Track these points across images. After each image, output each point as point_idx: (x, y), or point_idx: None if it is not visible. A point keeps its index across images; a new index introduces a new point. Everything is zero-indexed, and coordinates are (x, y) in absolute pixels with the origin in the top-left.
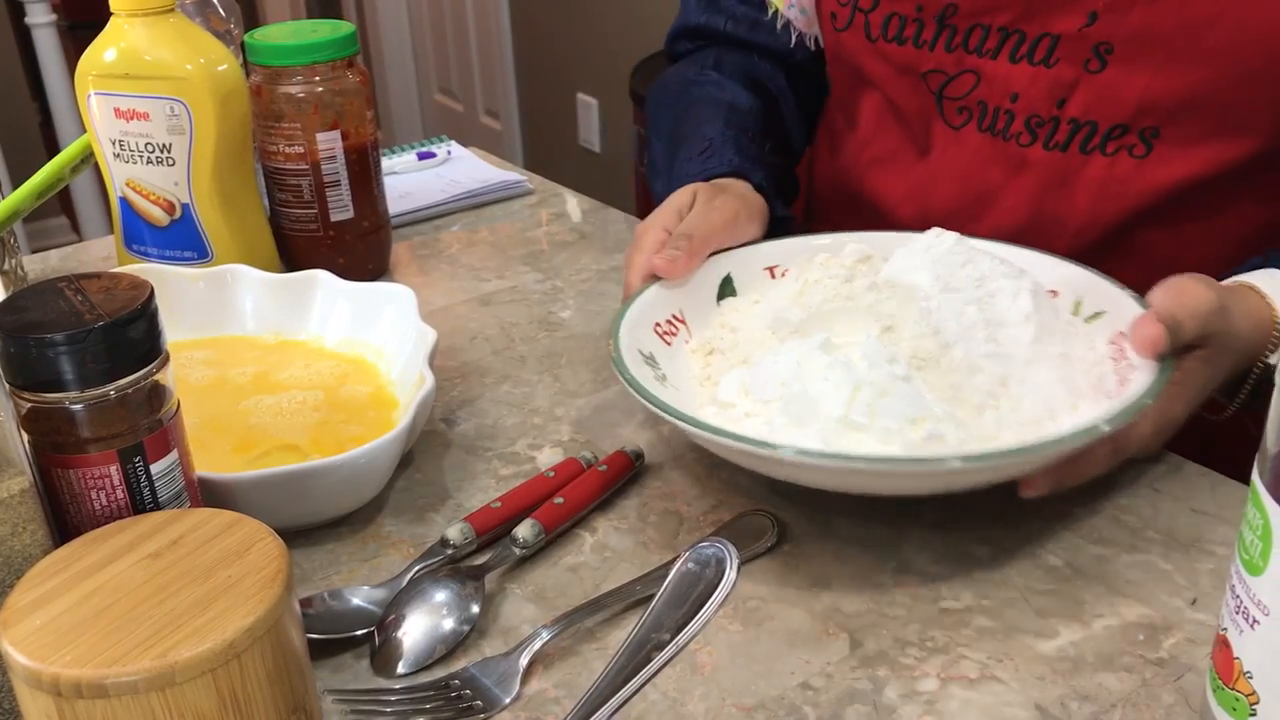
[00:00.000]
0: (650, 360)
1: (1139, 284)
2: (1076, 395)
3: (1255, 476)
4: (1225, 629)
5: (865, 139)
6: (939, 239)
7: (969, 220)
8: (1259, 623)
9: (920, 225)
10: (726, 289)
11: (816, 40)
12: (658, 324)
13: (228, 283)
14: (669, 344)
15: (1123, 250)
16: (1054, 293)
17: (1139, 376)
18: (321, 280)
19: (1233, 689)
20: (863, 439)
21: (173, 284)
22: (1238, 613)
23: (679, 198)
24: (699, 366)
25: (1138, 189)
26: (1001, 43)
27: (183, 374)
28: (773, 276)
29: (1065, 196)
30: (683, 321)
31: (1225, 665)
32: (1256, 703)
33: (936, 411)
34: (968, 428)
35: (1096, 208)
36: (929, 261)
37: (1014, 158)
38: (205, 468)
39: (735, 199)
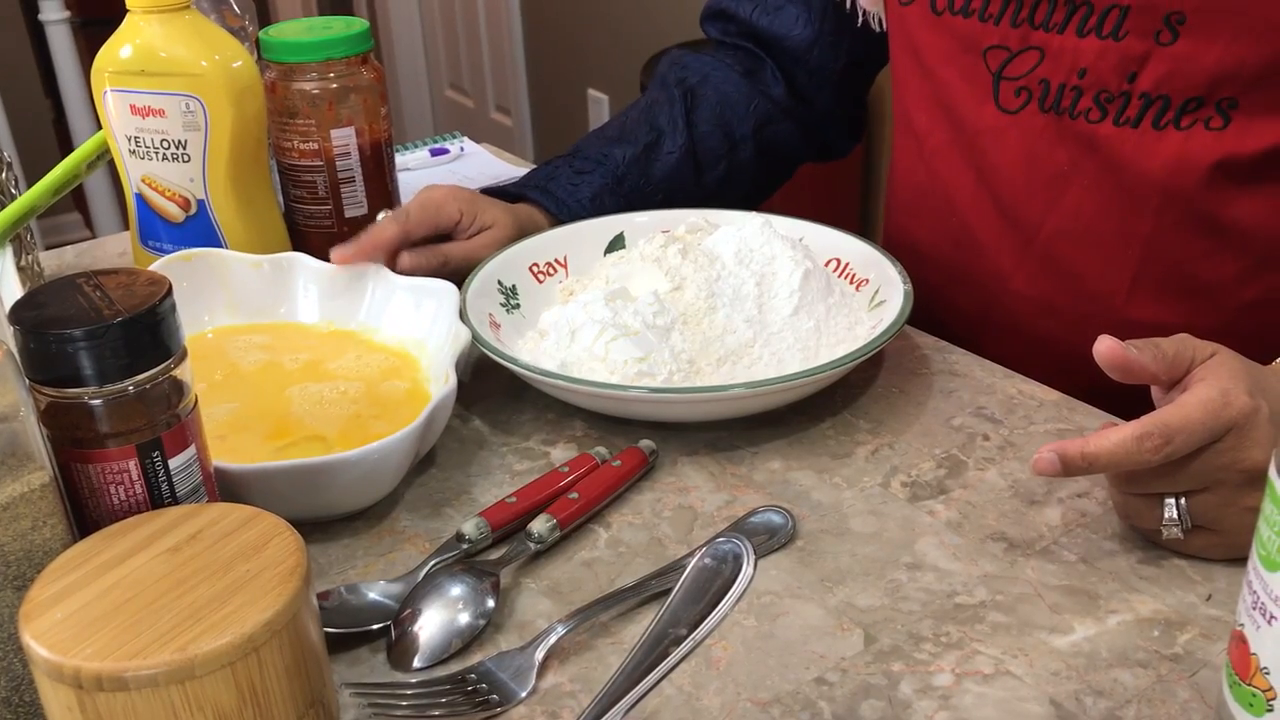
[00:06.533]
0: (509, 291)
1: (1245, 268)
2: (811, 362)
3: (1272, 472)
4: (1242, 625)
5: (923, 132)
6: (749, 220)
7: (1044, 204)
8: (1276, 618)
9: (995, 214)
10: (617, 244)
11: (881, 20)
12: (534, 264)
13: (285, 270)
14: (541, 282)
15: (1216, 229)
16: (837, 262)
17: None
18: (373, 272)
19: (1249, 684)
20: (596, 367)
21: (235, 270)
22: (1254, 608)
23: (450, 207)
24: (559, 302)
25: (1217, 162)
26: (1069, 15)
27: (237, 357)
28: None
29: (1140, 174)
30: (564, 265)
31: (1241, 661)
32: (1273, 698)
33: (666, 357)
34: (702, 375)
35: (1174, 184)
36: (736, 238)
37: (1082, 136)
38: (234, 452)
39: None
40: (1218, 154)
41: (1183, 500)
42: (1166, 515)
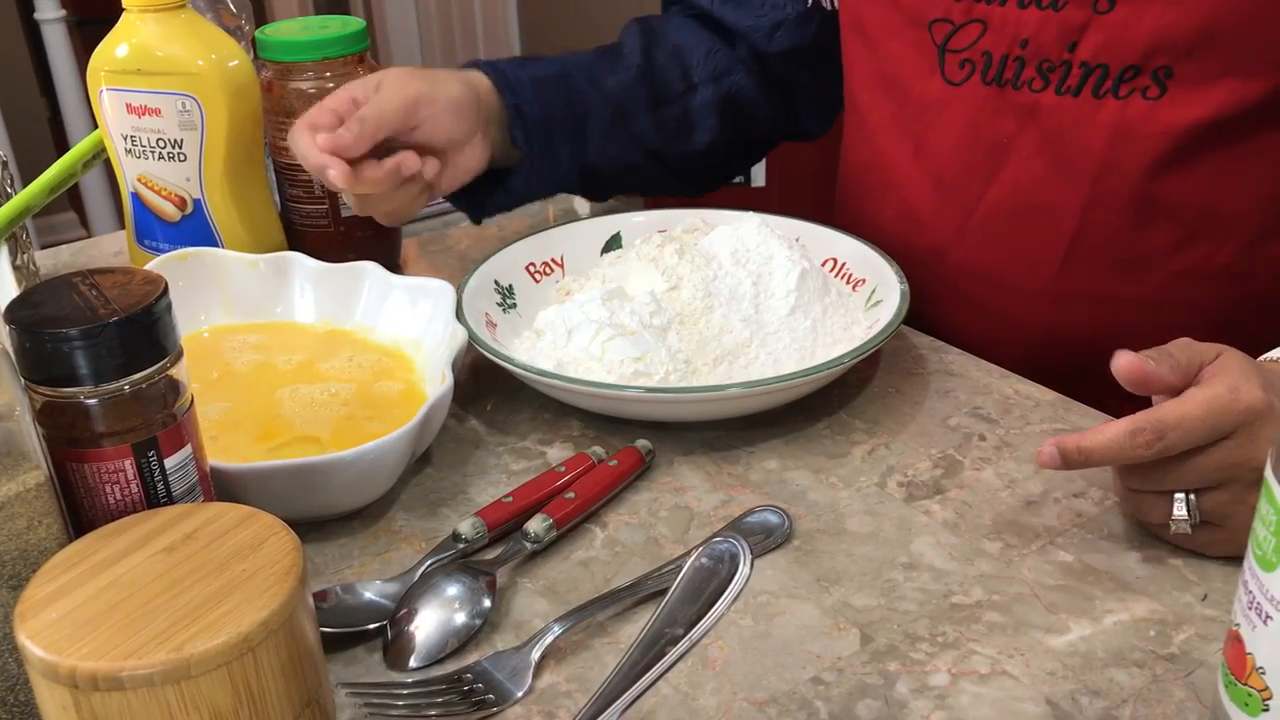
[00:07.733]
0: (505, 290)
1: (1176, 240)
2: (808, 362)
3: (1269, 472)
4: (1238, 624)
5: (864, 109)
6: (746, 220)
7: (984, 177)
8: (1272, 618)
9: (933, 189)
10: (614, 243)
11: (833, 1)
12: (531, 264)
13: (281, 269)
14: (538, 281)
15: (1150, 202)
16: (834, 262)
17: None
18: (370, 272)
19: (1245, 684)
20: (592, 366)
21: (231, 269)
22: (1250, 608)
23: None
24: (555, 301)
25: (1154, 132)
26: None
27: (231, 357)
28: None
29: (1080, 143)
30: (560, 265)
31: (1237, 661)
32: (1269, 698)
33: (663, 357)
34: (699, 375)
35: (1112, 154)
36: (732, 237)
37: (1024, 106)
38: (226, 452)
39: (426, 84)
40: (1154, 125)
41: (1193, 497)
42: (1176, 512)
